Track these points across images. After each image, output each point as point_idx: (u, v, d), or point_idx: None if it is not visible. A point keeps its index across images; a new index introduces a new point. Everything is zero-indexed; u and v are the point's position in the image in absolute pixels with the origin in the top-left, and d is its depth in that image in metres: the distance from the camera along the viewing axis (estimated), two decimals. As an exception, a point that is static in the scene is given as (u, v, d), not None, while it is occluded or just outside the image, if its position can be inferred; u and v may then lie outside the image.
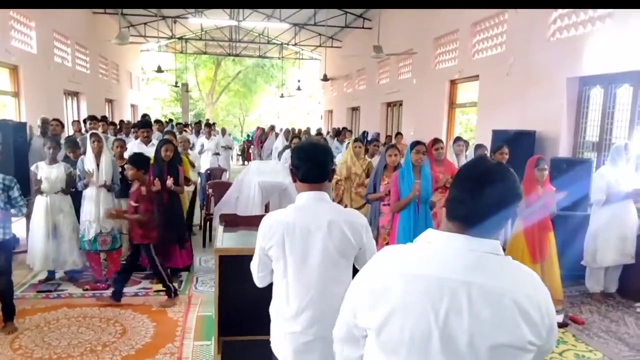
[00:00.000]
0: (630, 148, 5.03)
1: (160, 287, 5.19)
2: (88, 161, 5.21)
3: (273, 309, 2.11)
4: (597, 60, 5.92)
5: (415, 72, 12.00)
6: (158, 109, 33.26)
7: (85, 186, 5.17)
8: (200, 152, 9.97)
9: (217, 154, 10.73)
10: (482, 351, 1.17)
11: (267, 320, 2.13)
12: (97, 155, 5.22)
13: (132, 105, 20.22)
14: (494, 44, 8.43)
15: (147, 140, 6.55)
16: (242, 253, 1.95)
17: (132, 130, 8.32)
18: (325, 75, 19.16)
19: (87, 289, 5.17)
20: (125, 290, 5.12)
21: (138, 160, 4.73)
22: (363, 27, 15.63)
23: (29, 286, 5.21)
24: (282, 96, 26.24)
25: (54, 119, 7.12)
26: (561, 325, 4.53)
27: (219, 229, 3.63)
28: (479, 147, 4.71)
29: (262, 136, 17.00)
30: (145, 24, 17.36)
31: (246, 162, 19.17)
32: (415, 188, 4.33)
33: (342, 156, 6.92)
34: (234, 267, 2.39)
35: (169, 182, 5.09)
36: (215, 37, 20.78)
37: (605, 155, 5.85)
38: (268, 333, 2.13)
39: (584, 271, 5.40)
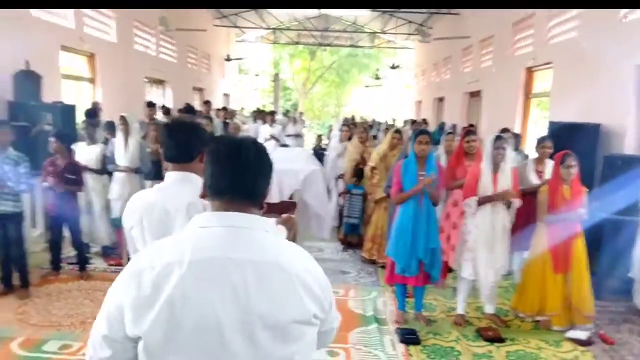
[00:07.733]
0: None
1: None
2: (117, 144, 5.48)
3: None
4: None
5: (496, 60, 11.18)
6: (258, 100, 34.41)
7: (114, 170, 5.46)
8: (266, 141, 10.01)
9: (284, 144, 10.51)
10: (276, 330, 1.15)
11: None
12: (126, 139, 5.48)
13: (225, 95, 21.06)
14: (568, 29, 7.56)
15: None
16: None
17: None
18: (393, 64, 18.57)
19: (112, 264, 5.45)
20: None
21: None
22: (450, 13, 14.86)
23: (65, 258, 5.56)
24: (367, 86, 25.88)
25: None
26: (584, 343, 3.97)
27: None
28: (498, 138, 4.19)
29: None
30: (236, 14, 17.95)
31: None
32: (423, 182, 4.03)
33: (382, 144, 6.63)
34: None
35: None
36: (307, 27, 20.93)
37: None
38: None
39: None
